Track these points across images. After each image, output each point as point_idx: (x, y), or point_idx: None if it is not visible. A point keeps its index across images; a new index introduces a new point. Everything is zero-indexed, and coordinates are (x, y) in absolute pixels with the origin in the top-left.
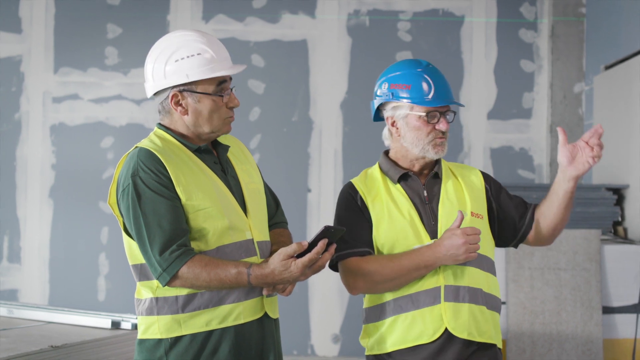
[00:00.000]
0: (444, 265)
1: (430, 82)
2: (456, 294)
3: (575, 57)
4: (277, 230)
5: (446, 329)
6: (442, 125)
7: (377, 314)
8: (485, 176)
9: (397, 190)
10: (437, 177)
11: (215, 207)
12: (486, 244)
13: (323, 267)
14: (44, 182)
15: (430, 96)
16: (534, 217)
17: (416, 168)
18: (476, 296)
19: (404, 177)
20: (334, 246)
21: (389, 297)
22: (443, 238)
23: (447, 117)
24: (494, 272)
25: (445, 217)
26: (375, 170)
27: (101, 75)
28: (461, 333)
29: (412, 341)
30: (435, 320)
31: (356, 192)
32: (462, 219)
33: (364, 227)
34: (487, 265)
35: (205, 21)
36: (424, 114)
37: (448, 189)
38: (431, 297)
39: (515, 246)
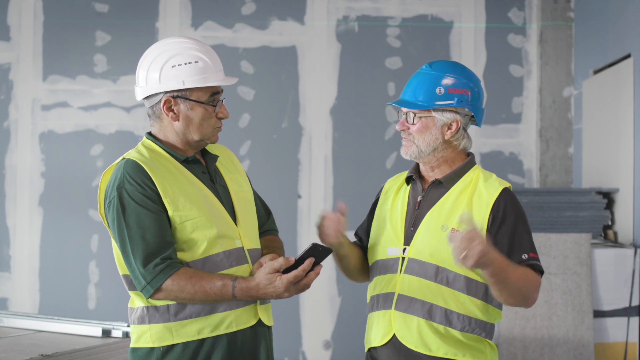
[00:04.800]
0: (403, 274)
1: (409, 82)
2: (407, 306)
3: (564, 61)
4: (268, 237)
5: (394, 337)
6: (397, 125)
7: (368, 307)
8: (496, 206)
9: (403, 193)
10: (442, 184)
11: (204, 217)
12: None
13: (308, 286)
14: (33, 191)
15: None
16: None
17: (422, 169)
18: (433, 313)
19: (412, 179)
20: (320, 267)
21: (370, 293)
22: None
23: (407, 117)
24: (476, 295)
25: (426, 226)
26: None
27: (90, 82)
28: (409, 343)
29: (370, 342)
30: (385, 325)
31: (381, 190)
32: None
33: (366, 221)
34: (459, 284)
35: (194, 28)
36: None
37: (449, 199)
38: (387, 301)
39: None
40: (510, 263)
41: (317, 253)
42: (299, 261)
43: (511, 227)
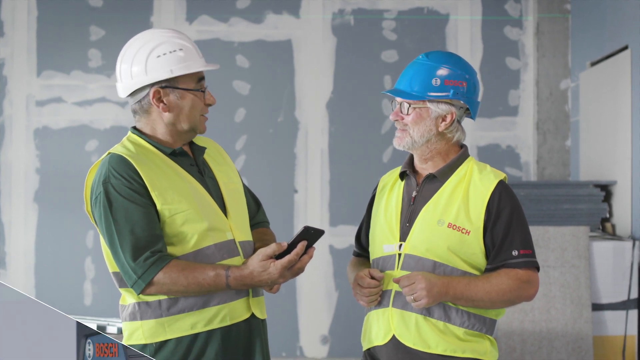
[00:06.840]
0: (399, 271)
1: (404, 72)
2: (405, 302)
3: (560, 53)
4: (260, 229)
5: (393, 336)
6: (391, 115)
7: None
8: (491, 201)
9: (398, 188)
10: (436, 178)
11: (193, 210)
12: (461, 258)
13: (302, 270)
14: (28, 187)
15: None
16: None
17: (415, 163)
18: (431, 309)
19: (405, 174)
20: (314, 249)
21: None
22: None
23: (401, 107)
24: None
25: (422, 221)
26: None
27: (85, 78)
28: (407, 341)
29: (372, 342)
30: (385, 324)
31: (376, 187)
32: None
33: (365, 223)
34: None
35: (189, 22)
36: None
37: (444, 193)
38: (384, 299)
39: None
40: (474, 280)
41: (309, 236)
42: (292, 245)
43: (505, 223)
